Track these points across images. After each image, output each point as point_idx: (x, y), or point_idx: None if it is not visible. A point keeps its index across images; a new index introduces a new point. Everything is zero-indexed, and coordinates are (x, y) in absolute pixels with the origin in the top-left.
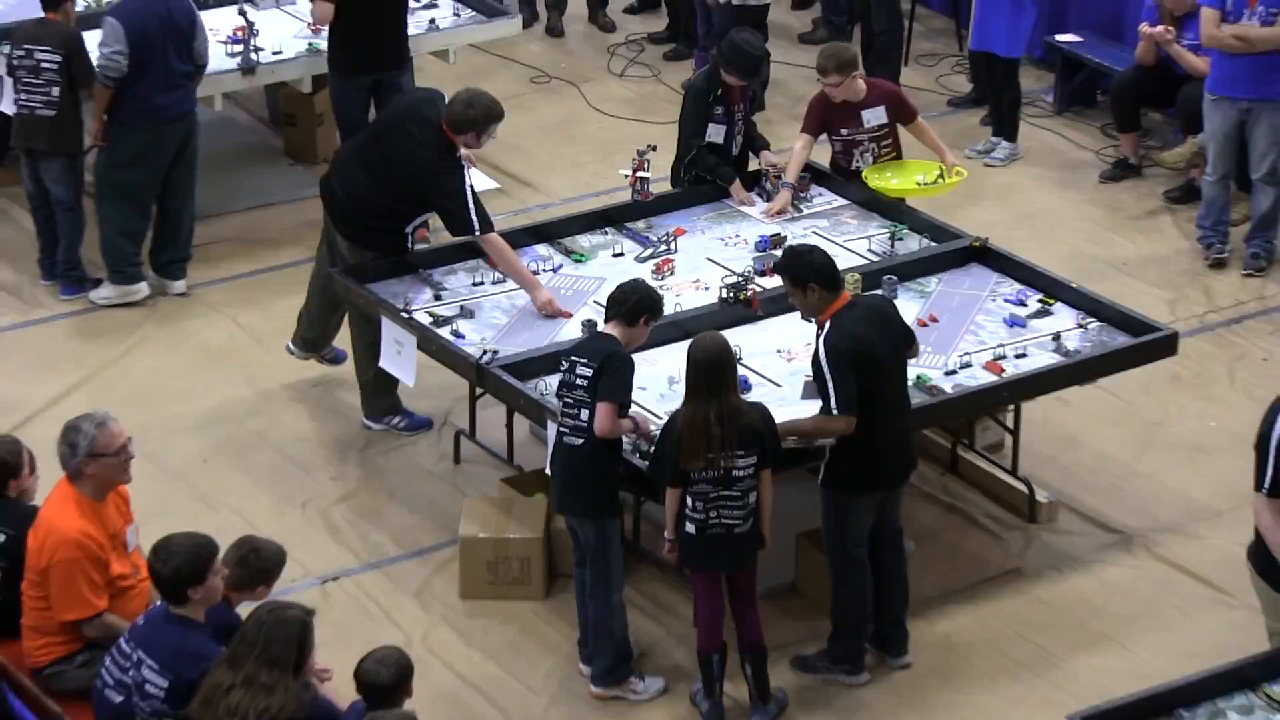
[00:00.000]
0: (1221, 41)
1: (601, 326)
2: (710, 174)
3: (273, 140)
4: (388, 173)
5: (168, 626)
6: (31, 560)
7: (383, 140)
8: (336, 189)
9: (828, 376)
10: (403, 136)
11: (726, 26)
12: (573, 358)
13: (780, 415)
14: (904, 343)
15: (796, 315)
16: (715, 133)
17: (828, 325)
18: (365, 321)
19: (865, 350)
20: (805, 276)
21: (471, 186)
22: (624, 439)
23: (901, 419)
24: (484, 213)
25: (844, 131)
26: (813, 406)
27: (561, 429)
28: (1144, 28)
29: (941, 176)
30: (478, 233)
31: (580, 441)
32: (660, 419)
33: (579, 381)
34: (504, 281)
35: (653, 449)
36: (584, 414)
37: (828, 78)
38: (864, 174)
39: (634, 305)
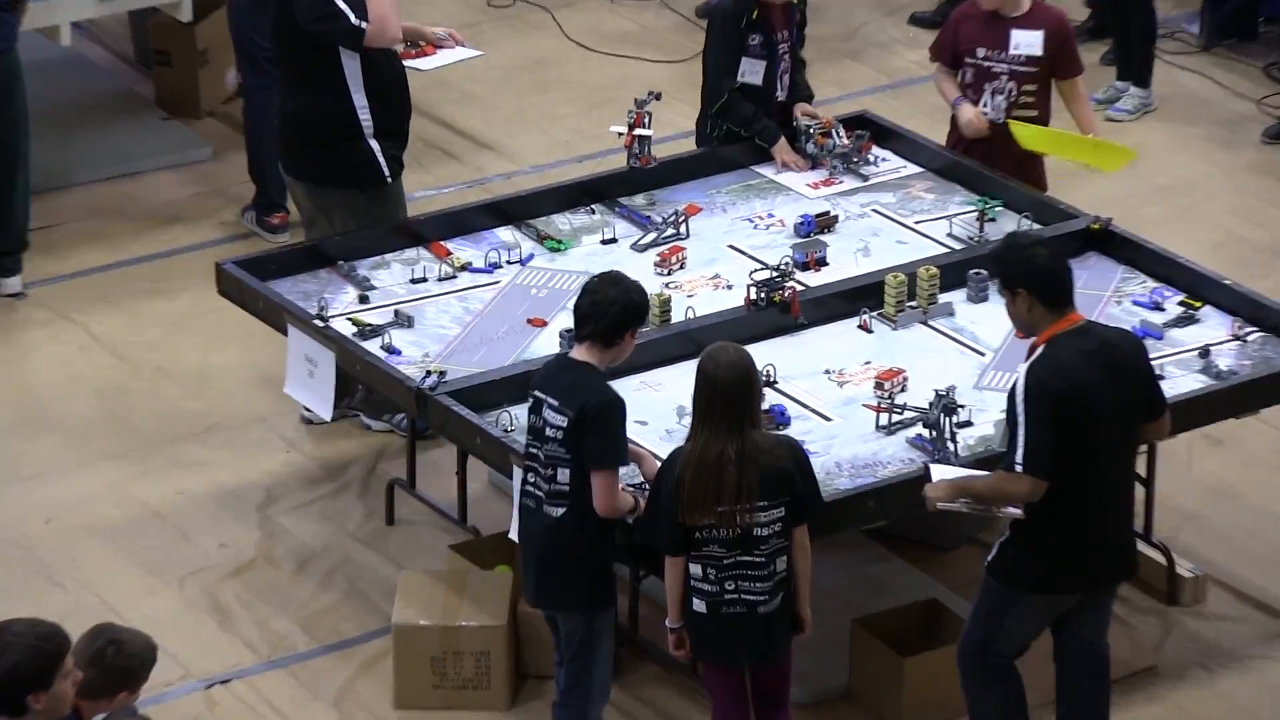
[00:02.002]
0: None
1: (572, 350)
2: (745, 129)
3: (140, 86)
4: (301, 56)
5: None
6: None
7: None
8: (279, 126)
9: (1020, 419)
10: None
11: None
12: (538, 394)
13: (826, 452)
14: (1144, 408)
15: (850, 324)
16: (752, 71)
17: (1040, 351)
18: None
19: (1080, 398)
20: (1016, 278)
21: None
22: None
23: (1113, 503)
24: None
25: (980, 53)
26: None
27: (533, 490)
28: None
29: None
30: (365, 26)
31: (561, 511)
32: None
33: (550, 432)
34: (454, 279)
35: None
36: (562, 474)
37: None
38: (1007, 119)
39: (614, 320)
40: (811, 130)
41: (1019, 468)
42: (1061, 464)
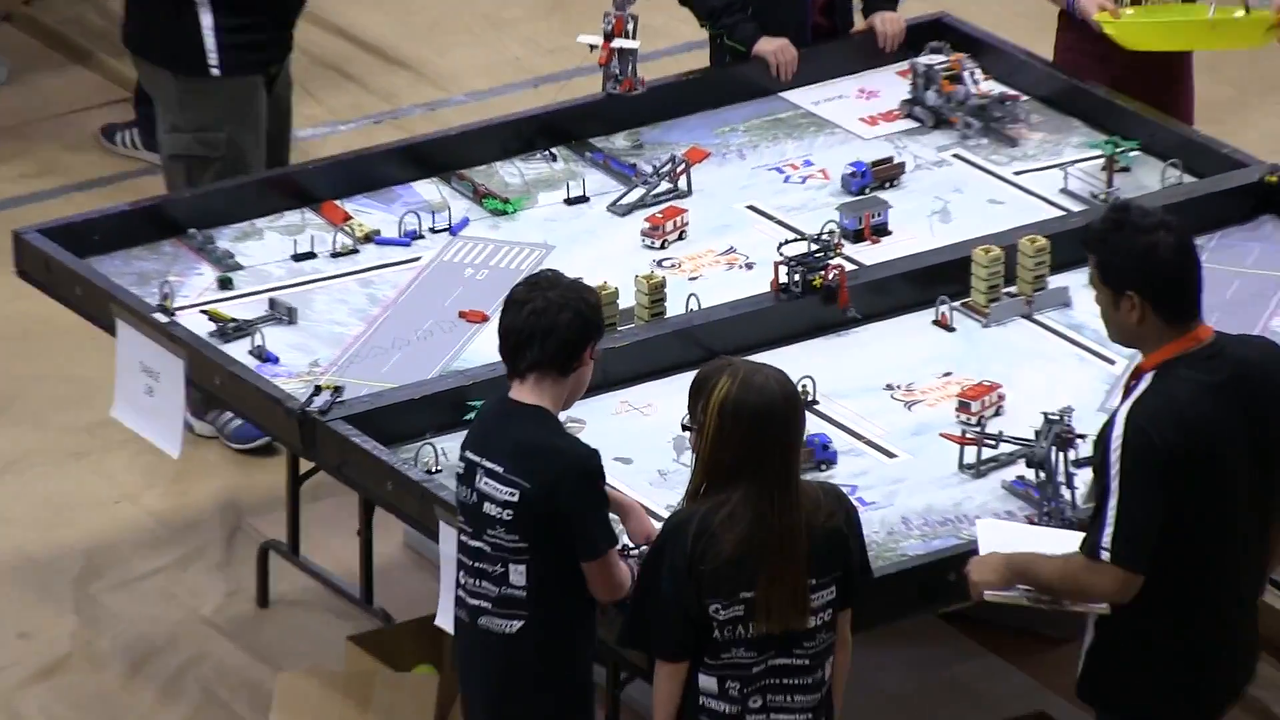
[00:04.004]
0: None
1: (512, 392)
2: (712, 22)
3: None
4: None
5: None
6: None
7: None
8: None
9: (1111, 484)
10: None
11: None
12: (470, 454)
13: (889, 502)
14: None
15: (922, 318)
16: None
17: (1146, 383)
18: None
19: (1202, 457)
20: (1125, 274)
21: None
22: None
23: (1242, 592)
24: None
25: None
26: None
27: (467, 598)
28: None
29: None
30: None
31: (519, 624)
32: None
33: (493, 510)
34: (355, 254)
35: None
36: (517, 573)
37: None
38: (1097, 17)
39: (568, 334)
40: (934, 72)
41: (1105, 554)
42: (1169, 550)
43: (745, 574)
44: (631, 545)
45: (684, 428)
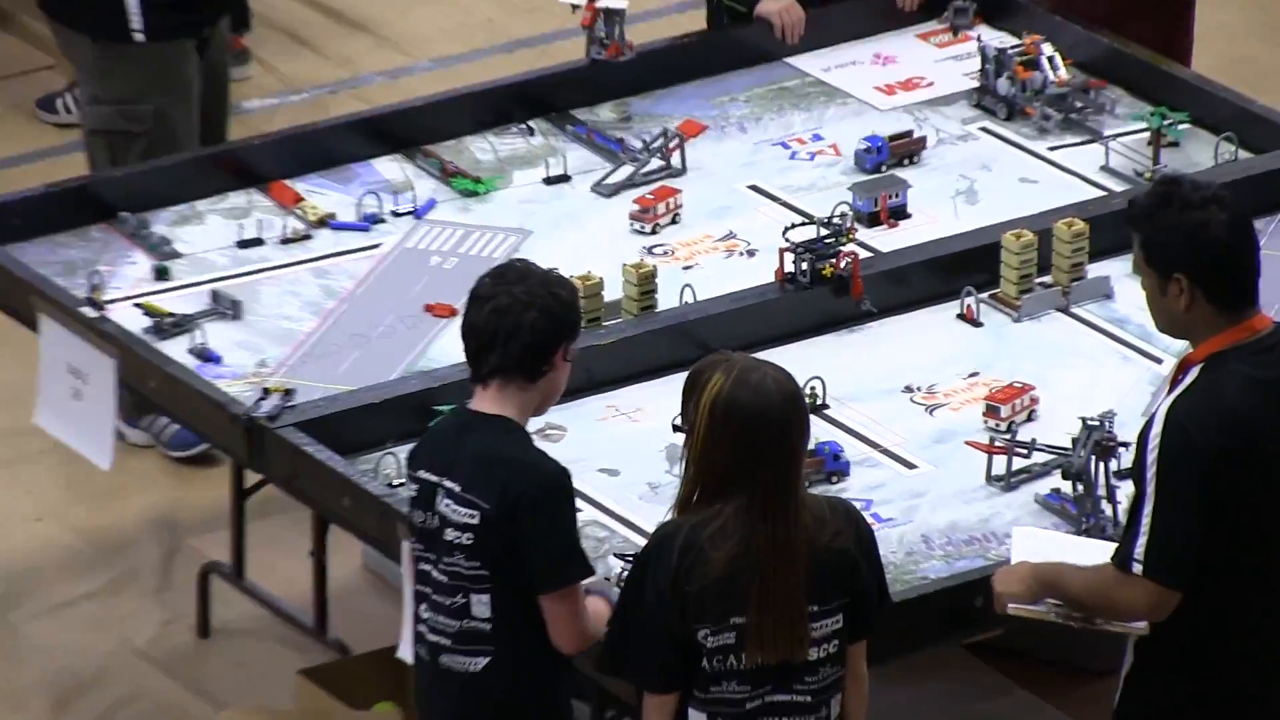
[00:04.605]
0: None
1: (474, 400)
2: None
3: None
4: None
5: None
6: None
7: None
8: None
9: (1147, 488)
10: None
11: None
12: (426, 474)
13: (908, 518)
14: None
15: (945, 312)
16: None
17: (1192, 377)
18: None
19: (1248, 461)
20: (1173, 256)
21: None
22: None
23: None
24: None
25: None
26: None
27: (427, 633)
28: None
29: None
30: None
31: (484, 661)
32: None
33: (451, 535)
34: (308, 239)
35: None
36: (479, 604)
37: None
38: None
39: (534, 336)
40: (1007, 56)
41: (1136, 565)
42: (1212, 563)
43: (736, 596)
44: (623, 556)
45: (675, 428)
